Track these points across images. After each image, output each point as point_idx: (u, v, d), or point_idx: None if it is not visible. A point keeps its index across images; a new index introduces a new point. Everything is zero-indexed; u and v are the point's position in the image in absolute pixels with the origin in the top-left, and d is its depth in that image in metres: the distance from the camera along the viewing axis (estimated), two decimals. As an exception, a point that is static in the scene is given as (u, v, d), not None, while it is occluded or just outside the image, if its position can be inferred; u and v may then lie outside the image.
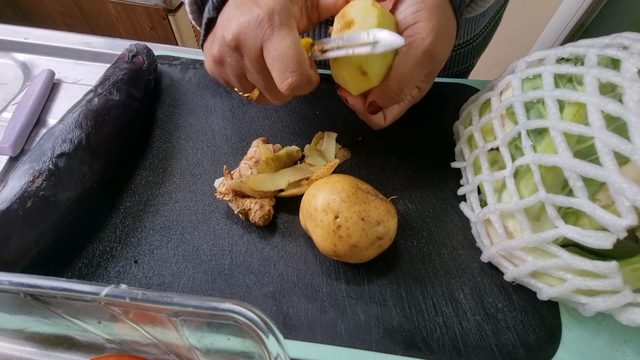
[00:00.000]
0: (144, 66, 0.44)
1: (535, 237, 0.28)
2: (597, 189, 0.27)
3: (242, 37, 0.28)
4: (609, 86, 0.28)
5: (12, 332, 0.28)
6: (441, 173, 0.40)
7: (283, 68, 0.27)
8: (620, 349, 0.30)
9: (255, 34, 0.27)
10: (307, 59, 0.28)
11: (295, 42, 0.27)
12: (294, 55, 0.27)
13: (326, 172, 0.36)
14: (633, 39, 0.29)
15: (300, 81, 0.27)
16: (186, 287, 0.32)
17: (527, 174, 0.30)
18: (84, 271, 0.33)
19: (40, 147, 0.33)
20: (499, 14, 0.56)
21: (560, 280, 0.29)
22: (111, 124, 0.37)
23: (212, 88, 0.47)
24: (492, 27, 0.56)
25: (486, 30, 0.54)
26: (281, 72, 0.27)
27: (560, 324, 0.31)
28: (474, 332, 0.30)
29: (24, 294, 0.18)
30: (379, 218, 0.30)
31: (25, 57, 0.51)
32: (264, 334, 0.17)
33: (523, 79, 0.33)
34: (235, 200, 0.35)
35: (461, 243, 0.36)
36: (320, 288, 0.32)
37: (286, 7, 0.28)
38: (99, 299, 0.18)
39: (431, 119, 0.45)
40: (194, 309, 0.18)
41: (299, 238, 0.35)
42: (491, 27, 0.55)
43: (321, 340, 0.29)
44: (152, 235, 0.35)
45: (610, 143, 0.25)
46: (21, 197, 0.30)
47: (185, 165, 0.40)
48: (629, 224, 0.24)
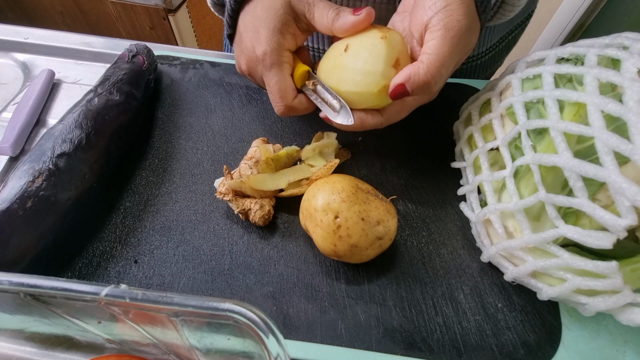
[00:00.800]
0: (144, 66, 0.44)
1: (535, 237, 0.28)
2: (597, 189, 0.27)
3: (250, 69, 0.36)
4: (609, 86, 0.28)
5: (12, 332, 0.28)
6: (441, 173, 0.40)
7: (272, 99, 0.34)
8: (620, 349, 0.30)
9: (257, 69, 0.35)
10: (291, 93, 0.34)
11: (279, 80, 0.33)
12: (277, 92, 0.33)
13: (326, 172, 0.36)
14: (633, 39, 0.29)
15: (283, 110, 0.34)
16: (186, 287, 0.32)
17: (527, 174, 0.30)
18: (84, 271, 0.33)
19: (40, 147, 0.33)
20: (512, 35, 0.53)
21: (560, 280, 0.29)
22: (111, 124, 0.37)
23: (212, 88, 0.47)
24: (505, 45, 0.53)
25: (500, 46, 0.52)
26: (272, 101, 0.34)
27: (560, 324, 0.31)
28: (474, 332, 0.30)
29: (24, 294, 0.18)
30: (379, 218, 0.30)
31: (25, 57, 0.51)
32: (264, 334, 0.17)
33: (523, 79, 0.33)
34: (235, 200, 0.35)
35: (461, 243, 0.36)
36: (320, 288, 0.32)
37: (277, 45, 0.33)
38: (99, 299, 0.18)
39: (431, 119, 0.45)
40: (194, 309, 0.18)
41: (299, 238, 0.35)
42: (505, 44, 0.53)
43: (321, 340, 0.29)
44: (152, 235, 0.35)
45: (610, 143, 0.25)
46: (21, 197, 0.30)
47: (185, 165, 0.40)
48: (629, 224, 0.24)
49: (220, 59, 0.51)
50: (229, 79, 0.48)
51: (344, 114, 0.33)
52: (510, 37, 0.53)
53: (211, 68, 0.49)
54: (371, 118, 0.33)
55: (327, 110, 0.33)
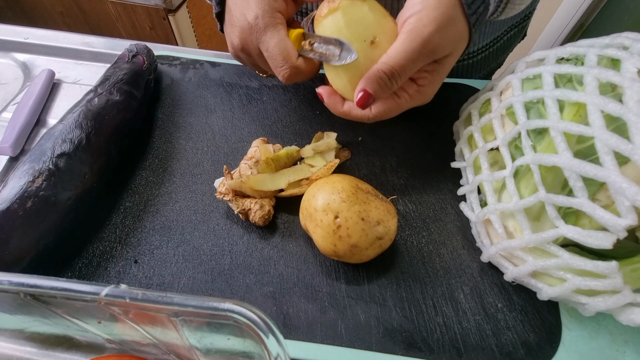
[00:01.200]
0: (144, 66, 0.44)
1: (535, 237, 0.28)
2: (597, 189, 0.27)
3: (244, 42, 0.34)
4: (609, 86, 0.28)
5: (12, 332, 0.28)
6: (441, 173, 0.40)
7: (274, 65, 0.32)
8: (620, 349, 0.30)
9: (251, 38, 0.32)
10: (293, 53, 0.32)
11: (278, 41, 0.31)
12: (279, 54, 0.31)
13: (326, 172, 0.36)
14: (633, 39, 0.29)
15: (289, 73, 0.32)
16: (186, 287, 0.32)
17: (527, 174, 0.30)
18: (84, 271, 0.33)
19: (40, 147, 0.33)
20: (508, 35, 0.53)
21: (560, 280, 0.29)
22: (111, 124, 0.37)
23: (212, 88, 0.47)
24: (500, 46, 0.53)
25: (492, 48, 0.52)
26: (275, 68, 0.32)
27: (560, 324, 0.31)
28: (474, 332, 0.30)
29: (24, 294, 0.18)
30: (379, 218, 0.30)
31: (25, 57, 0.51)
32: (264, 334, 0.17)
33: (523, 79, 0.33)
34: (235, 200, 0.35)
35: (461, 243, 0.36)
36: (320, 288, 0.32)
37: (269, 7, 0.31)
38: (99, 299, 0.18)
39: (431, 119, 0.45)
40: (194, 309, 0.18)
41: (299, 238, 0.35)
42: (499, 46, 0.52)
43: (321, 340, 0.29)
44: (152, 235, 0.35)
45: (610, 143, 0.25)
46: (21, 197, 0.30)
47: (185, 165, 0.40)
48: (629, 224, 0.24)
49: (220, 59, 0.51)
50: (229, 79, 0.48)
51: (345, 54, 0.30)
52: (507, 37, 0.53)
53: (211, 68, 0.49)
54: (361, 112, 0.32)
55: (329, 60, 0.31)
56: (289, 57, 0.32)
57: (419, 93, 0.32)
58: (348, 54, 0.30)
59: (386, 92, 0.30)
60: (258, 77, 0.48)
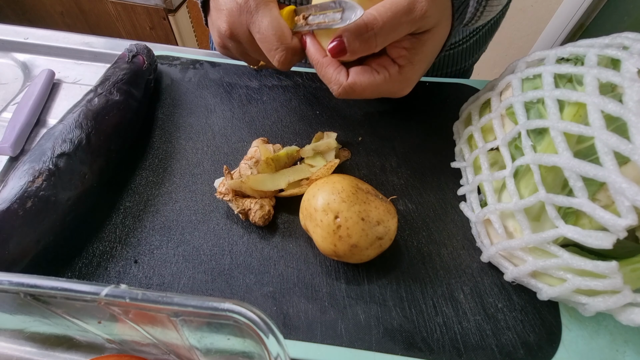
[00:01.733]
0: (144, 66, 0.44)
1: (535, 237, 0.28)
2: (597, 189, 0.27)
3: (232, 26, 0.31)
4: (609, 86, 0.28)
5: (12, 332, 0.28)
6: (441, 173, 0.40)
7: (268, 47, 0.30)
8: (620, 349, 0.30)
9: (241, 21, 0.30)
10: (287, 32, 0.30)
11: (272, 20, 0.29)
12: (273, 34, 0.29)
13: (326, 172, 0.36)
14: (633, 39, 0.29)
15: (285, 55, 0.30)
16: (186, 287, 0.32)
17: (527, 174, 0.30)
18: (84, 271, 0.33)
19: (40, 147, 0.33)
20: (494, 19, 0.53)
21: (560, 280, 0.29)
22: (111, 124, 0.37)
23: (212, 88, 0.47)
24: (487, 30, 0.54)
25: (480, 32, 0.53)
26: (268, 51, 0.30)
27: (560, 324, 0.31)
28: (474, 332, 0.30)
29: (24, 294, 0.18)
30: (379, 218, 0.30)
31: (25, 57, 0.51)
32: (264, 334, 0.17)
33: (523, 79, 0.33)
34: (235, 200, 0.35)
35: (461, 243, 0.36)
36: (320, 288, 0.32)
37: None
38: (99, 299, 0.18)
39: (431, 119, 0.45)
40: (194, 309, 0.18)
41: (299, 238, 0.35)
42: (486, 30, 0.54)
43: (321, 340, 0.29)
44: (152, 235, 0.35)
45: (610, 143, 0.25)
46: (21, 197, 0.30)
47: (185, 165, 0.40)
48: (629, 224, 0.24)
49: (220, 59, 0.51)
50: (229, 79, 0.48)
51: (349, 13, 0.27)
52: (492, 21, 0.54)
53: (211, 68, 0.49)
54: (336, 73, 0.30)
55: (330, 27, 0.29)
56: (284, 36, 0.29)
57: (399, 74, 0.30)
58: (352, 12, 0.27)
59: (362, 46, 0.28)
60: (258, 77, 0.48)
